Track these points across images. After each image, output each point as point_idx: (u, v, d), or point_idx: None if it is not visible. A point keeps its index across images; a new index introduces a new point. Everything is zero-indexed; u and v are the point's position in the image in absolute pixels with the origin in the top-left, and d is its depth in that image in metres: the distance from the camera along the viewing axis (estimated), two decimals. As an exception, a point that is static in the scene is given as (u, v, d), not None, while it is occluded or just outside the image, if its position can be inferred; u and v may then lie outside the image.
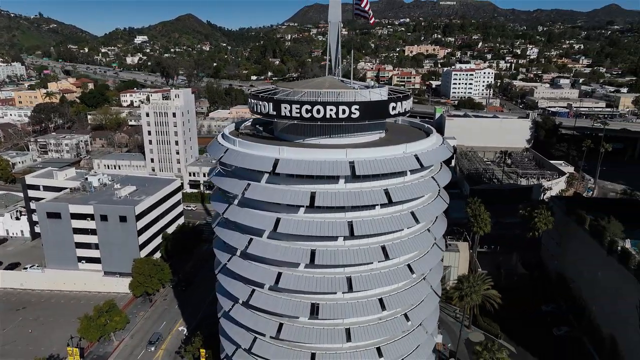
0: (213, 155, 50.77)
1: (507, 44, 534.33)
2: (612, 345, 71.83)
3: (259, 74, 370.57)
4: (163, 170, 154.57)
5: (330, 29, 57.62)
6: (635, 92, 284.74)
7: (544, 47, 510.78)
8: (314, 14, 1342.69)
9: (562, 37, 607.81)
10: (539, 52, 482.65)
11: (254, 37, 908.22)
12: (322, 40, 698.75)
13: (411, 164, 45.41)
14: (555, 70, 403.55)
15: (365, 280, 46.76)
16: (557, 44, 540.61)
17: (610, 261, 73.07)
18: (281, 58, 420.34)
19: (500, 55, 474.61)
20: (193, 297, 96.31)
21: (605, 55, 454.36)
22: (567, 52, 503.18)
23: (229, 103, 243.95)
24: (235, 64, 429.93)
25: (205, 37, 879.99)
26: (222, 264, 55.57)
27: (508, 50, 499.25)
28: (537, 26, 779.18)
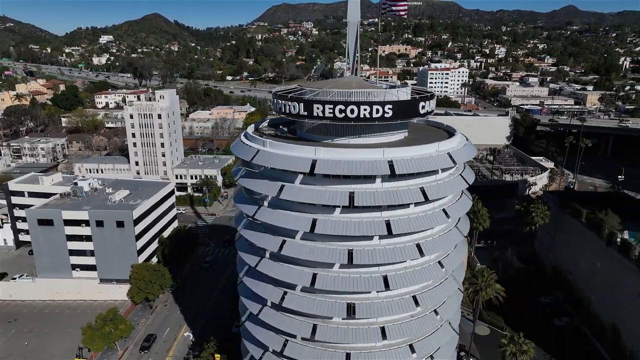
0: (242, 156, 50.04)
1: (476, 43, 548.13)
2: (614, 334, 74.90)
3: (234, 74, 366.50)
4: (148, 173, 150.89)
5: (349, 29, 57.70)
6: (600, 90, 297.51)
7: (511, 47, 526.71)
8: (282, 14, 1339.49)
9: (526, 37, 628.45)
10: (507, 52, 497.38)
11: (223, 37, 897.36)
12: (294, 40, 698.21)
13: (445, 162, 46.16)
14: (523, 69, 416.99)
15: (401, 278, 47.19)
16: (522, 44, 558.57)
17: (610, 252, 76.24)
18: (255, 58, 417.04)
19: (470, 54, 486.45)
20: (195, 301, 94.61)
21: (569, 55, 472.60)
22: (533, 51, 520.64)
23: (208, 104, 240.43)
24: (208, 64, 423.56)
25: (173, 37, 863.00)
26: (247, 267, 54.92)
27: (477, 49, 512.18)
28: (501, 26, 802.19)
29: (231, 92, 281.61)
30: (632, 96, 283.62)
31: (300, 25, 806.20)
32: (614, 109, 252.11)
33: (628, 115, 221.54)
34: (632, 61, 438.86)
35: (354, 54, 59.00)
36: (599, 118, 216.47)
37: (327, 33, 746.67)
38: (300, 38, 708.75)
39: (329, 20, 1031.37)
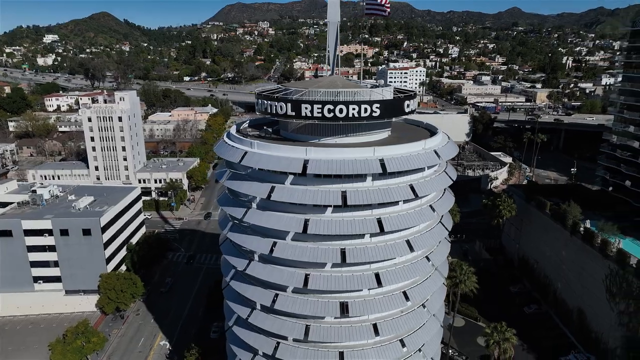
0: (228, 158, 49.07)
1: (430, 43, 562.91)
2: (580, 318, 79.23)
3: (192, 75, 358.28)
4: (109, 178, 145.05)
5: (329, 29, 57.83)
6: (548, 88, 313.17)
7: (463, 47, 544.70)
8: (236, 14, 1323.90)
9: (476, 37, 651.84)
10: (460, 52, 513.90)
11: (176, 37, 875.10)
12: (250, 40, 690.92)
13: (432, 159, 47.20)
14: (476, 68, 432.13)
15: (392, 275, 47.84)
16: (473, 44, 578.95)
17: (574, 241, 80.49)
18: (212, 58, 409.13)
19: (425, 54, 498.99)
20: (168, 308, 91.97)
21: (517, 54, 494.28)
22: (484, 51, 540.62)
23: (168, 105, 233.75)
24: (164, 64, 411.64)
25: (124, 37, 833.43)
26: (233, 270, 53.98)
27: (431, 49, 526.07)
28: (452, 26, 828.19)
29: (202, 96, 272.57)
30: (576, 93, 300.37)
31: (256, 25, 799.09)
32: (562, 106, 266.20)
33: (575, 111, 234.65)
34: (574, 60, 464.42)
35: (334, 54, 59.25)
36: (549, 114, 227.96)
37: (283, 33, 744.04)
38: (257, 38, 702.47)
39: (285, 20, 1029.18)
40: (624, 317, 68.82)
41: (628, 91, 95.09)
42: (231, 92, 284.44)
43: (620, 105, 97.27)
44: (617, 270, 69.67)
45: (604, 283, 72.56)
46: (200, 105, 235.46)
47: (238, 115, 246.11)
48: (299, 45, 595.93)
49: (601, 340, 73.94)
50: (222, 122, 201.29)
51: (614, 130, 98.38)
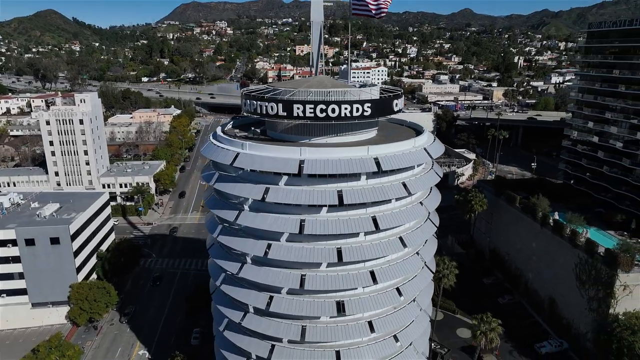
0: (219, 160, 48.14)
1: (389, 43, 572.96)
2: (552, 306, 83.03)
3: (150, 75, 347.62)
4: (71, 184, 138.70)
5: (313, 29, 57.93)
6: (504, 86, 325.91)
7: (421, 47, 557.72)
8: (192, 13, 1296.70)
9: (432, 37, 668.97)
10: (418, 52, 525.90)
11: (130, 36, 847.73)
12: (208, 40, 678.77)
13: (423, 157, 48.22)
14: (434, 68, 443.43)
15: (386, 272, 48.47)
16: (430, 44, 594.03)
17: (544, 232, 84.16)
18: (171, 58, 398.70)
19: (384, 54, 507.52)
20: (145, 316, 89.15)
21: (472, 54, 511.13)
22: (440, 51, 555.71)
23: (128, 107, 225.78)
24: (119, 64, 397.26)
25: (73, 36, 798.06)
26: (224, 275, 53.11)
27: (390, 49, 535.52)
28: (408, 27, 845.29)
29: (160, 95, 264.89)
30: (530, 91, 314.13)
31: (214, 25, 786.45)
32: (517, 103, 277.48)
33: (529, 108, 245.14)
34: (525, 60, 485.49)
35: (317, 54, 59.29)
36: (505, 112, 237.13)
37: (242, 32, 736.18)
38: (215, 37, 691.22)
39: (243, 19, 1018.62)
40: (594, 303, 72.73)
41: (586, 89, 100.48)
42: (219, 94, 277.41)
43: (578, 102, 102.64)
44: (587, 259, 73.51)
45: (574, 271, 76.39)
46: (163, 106, 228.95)
47: (202, 116, 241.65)
48: (259, 45, 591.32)
49: (572, 326, 77.81)
50: (186, 123, 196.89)
51: (574, 126, 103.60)
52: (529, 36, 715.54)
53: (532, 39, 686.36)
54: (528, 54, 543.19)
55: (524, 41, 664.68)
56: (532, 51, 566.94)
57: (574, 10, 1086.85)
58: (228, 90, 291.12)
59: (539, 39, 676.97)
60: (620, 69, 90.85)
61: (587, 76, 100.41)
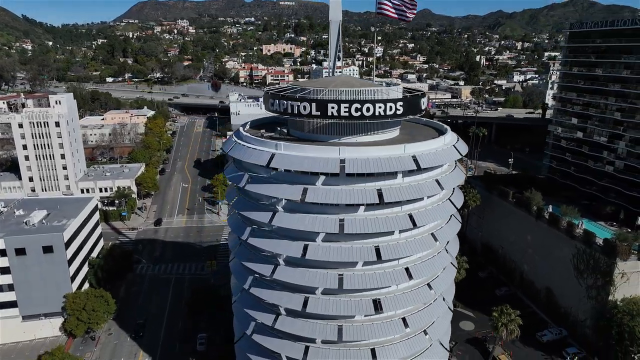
0: (253, 161, 47.22)
1: (355, 43, 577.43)
2: (549, 296, 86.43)
3: (115, 75, 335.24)
4: (46, 189, 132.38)
5: (331, 28, 58.00)
6: (470, 85, 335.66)
7: (386, 47, 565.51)
8: (150, 11, 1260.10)
9: (395, 37, 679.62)
10: (384, 51, 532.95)
11: (86, 35, 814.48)
12: (170, 39, 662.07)
13: (454, 154, 49.13)
14: (401, 67, 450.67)
15: (420, 269, 49.03)
16: (395, 43, 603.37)
17: (540, 225, 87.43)
18: (135, 58, 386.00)
19: (351, 53, 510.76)
20: (147, 319, 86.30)
21: (436, 54, 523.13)
22: (405, 50, 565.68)
23: (97, 108, 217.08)
24: (80, 64, 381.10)
25: (23, 34, 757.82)
26: (251, 278, 52.22)
27: (357, 49, 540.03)
28: (370, 27, 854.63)
29: (139, 98, 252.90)
30: (495, 90, 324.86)
31: (175, 24, 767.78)
32: (484, 101, 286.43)
33: (497, 106, 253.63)
34: (486, 59, 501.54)
35: (335, 53, 59.32)
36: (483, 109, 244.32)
37: (205, 32, 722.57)
38: (177, 37, 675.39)
39: (204, 18, 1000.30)
40: (593, 291, 76.28)
41: (569, 87, 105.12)
42: (191, 94, 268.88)
43: (562, 99, 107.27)
44: (584, 249, 76.98)
45: (572, 262, 79.79)
46: (135, 107, 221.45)
47: (175, 117, 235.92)
48: (224, 44, 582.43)
49: (570, 313, 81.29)
50: (162, 124, 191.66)
51: (558, 122, 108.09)
52: (487, 36, 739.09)
53: (490, 38, 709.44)
54: (488, 54, 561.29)
55: (483, 41, 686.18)
56: (492, 51, 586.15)
57: (526, 12, 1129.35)
58: (199, 91, 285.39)
59: (496, 39, 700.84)
60: (603, 68, 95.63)
61: (569, 74, 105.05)
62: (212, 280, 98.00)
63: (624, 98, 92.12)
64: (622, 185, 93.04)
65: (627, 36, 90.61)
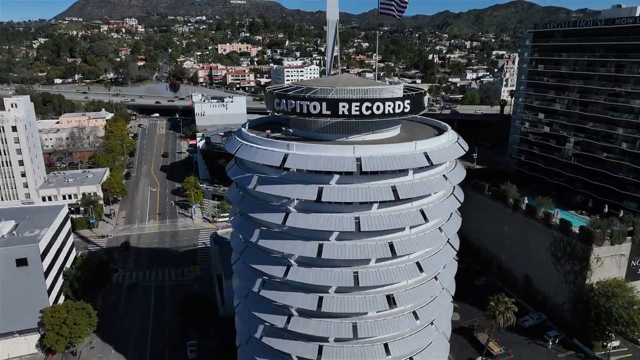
0: (265, 162, 46.50)
1: (311, 42, 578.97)
2: (527, 283, 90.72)
3: (64, 77, 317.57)
4: (5, 198, 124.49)
5: (329, 28, 58.33)
6: (427, 83, 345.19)
7: (342, 45, 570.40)
8: (93, 9, 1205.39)
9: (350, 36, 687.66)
10: (340, 50, 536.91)
11: (24, 33, 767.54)
12: (118, 38, 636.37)
13: (459, 150, 50.54)
14: (358, 66, 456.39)
15: (429, 263, 50.18)
16: (349, 42, 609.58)
17: (517, 216, 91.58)
18: (84, 58, 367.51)
19: (308, 53, 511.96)
20: (128, 334, 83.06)
21: (390, 53, 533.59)
22: (360, 49, 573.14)
23: (49, 111, 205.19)
24: (23, 65, 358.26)
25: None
26: (260, 280, 51.47)
27: (313, 48, 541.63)
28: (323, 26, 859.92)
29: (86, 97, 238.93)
30: (451, 87, 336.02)
31: (123, 22, 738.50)
32: (441, 99, 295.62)
33: (455, 103, 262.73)
34: (439, 58, 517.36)
35: (332, 52, 59.66)
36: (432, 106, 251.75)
37: (155, 31, 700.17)
38: (126, 36, 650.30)
39: (153, 17, 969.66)
40: (570, 276, 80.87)
41: (534, 84, 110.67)
42: (148, 95, 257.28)
43: (528, 96, 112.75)
44: (561, 237, 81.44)
45: (549, 249, 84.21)
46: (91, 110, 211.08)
47: (135, 119, 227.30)
48: (176, 43, 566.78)
49: (549, 299, 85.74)
50: (123, 127, 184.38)
51: (525, 118, 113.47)
52: (437, 35, 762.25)
53: (440, 38, 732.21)
54: (440, 52, 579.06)
55: (433, 40, 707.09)
56: (443, 49, 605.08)
57: (472, 12, 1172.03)
58: (157, 91, 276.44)
59: (446, 38, 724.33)
60: (567, 65, 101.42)
61: (535, 72, 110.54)
62: (196, 286, 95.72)
63: (587, 94, 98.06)
64: (586, 175, 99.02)
65: (588, 35, 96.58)
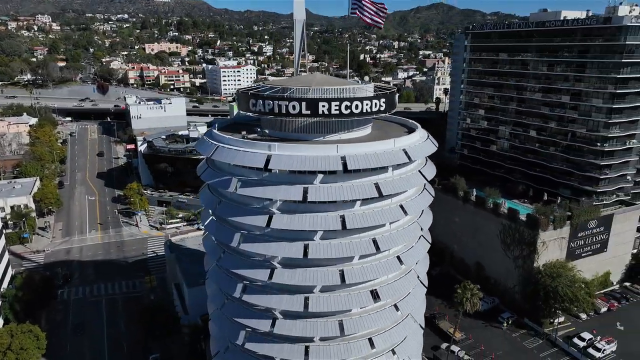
0: (248, 163, 45.38)
1: (243, 42, 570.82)
2: (478, 269, 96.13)
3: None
4: None
5: (296, 27, 58.34)
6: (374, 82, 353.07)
7: (276, 45, 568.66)
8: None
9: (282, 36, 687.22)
10: (273, 50, 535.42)
11: None
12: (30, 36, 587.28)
13: (432, 147, 52.41)
14: (292, 66, 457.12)
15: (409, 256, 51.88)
16: (283, 42, 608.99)
17: (467, 207, 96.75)
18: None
19: (240, 52, 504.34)
20: (80, 354, 77.49)
21: (323, 52, 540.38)
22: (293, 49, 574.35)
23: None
24: None
25: None
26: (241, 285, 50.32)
27: (246, 48, 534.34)
28: (252, 25, 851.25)
29: None
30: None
31: (35, 19, 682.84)
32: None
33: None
34: (370, 57, 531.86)
35: (299, 52, 59.65)
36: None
37: (72, 29, 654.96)
38: (39, 34, 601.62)
39: (69, 14, 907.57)
40: (519, 261, 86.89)
41: (474, 82, 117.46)
42: (73, 98, 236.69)
43: (468, 93, 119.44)
44: (509, 225, 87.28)
45: (499, 237, 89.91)
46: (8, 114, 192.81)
47: (62, 123, 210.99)
48: (98, 42, 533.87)
49: (500, 283, 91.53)
50: (51, 132, 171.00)
51: (467, 114, 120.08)
52: (366, 36, 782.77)
53: (369, 38, 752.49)
54: (370, 52, 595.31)
55: (363, 40, 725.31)
56: (373, 50, 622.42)
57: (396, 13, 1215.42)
58: (83, 94, 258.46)
59: (375, 39, 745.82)
60: (502, 64, 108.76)
61: (474, 71, 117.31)
62: (152, 296, 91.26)
63: (522, 91, 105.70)
64: (525, 166, 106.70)
65: (522, 37, 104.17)
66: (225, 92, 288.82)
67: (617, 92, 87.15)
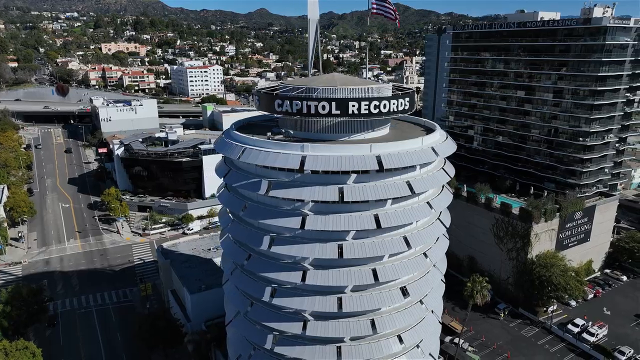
0: (281, 165, 44.62)
1: (204, 42, 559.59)
2: (471, 263, 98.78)
3: None
4: None
5: (310, 27, 58.17)
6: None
7: (238, 45, 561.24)
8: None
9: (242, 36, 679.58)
10: (236, 50, 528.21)
11: None
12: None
13: (454, 147, 53.46)
14: (257, 65, 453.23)
15: (434, 252, 52.77)
16: (244, 42, 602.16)
17: (459, 203, 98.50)
18: None
19: (202, 52, 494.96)
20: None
21: (286, 52, 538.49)
22: (256, 49, 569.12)
23: None
24: None
25: None
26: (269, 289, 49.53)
27: (207, 47, 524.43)
28: (210, 25, 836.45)
29: None
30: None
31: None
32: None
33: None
34: (334, 57, 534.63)
35: (313, 51, 59.40)
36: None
37: (18, 27, 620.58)
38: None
39: (13, 11, 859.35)
40: (513, 253, 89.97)
41: (456, 80, 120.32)
42: (30, 101, 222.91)
43: (451, 91, 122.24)
44: (502, 219, 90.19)
45: (492, 230, 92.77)
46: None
47: (23, 128, 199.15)
48: (48, 41, 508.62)
49: (493, 275, 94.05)
50: (13, 136, 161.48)
51: (449, 112, 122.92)
52: (326, 35, 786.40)
53: (330, 38, 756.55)
54: (332, 52, 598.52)
55: (324, 40, 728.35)
56: (335, 49, 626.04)
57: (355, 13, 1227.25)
58: (40, 96, 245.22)
59: (335, 39, 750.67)
60: (484, 64, 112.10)
61: (456, 70, 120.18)
62: (147, 305, 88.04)
63: (505, 89, 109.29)
64: (509, 161, 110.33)
65: (504, 37, 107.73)
66: (192, 93, 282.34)
67: (598, 90, 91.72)
